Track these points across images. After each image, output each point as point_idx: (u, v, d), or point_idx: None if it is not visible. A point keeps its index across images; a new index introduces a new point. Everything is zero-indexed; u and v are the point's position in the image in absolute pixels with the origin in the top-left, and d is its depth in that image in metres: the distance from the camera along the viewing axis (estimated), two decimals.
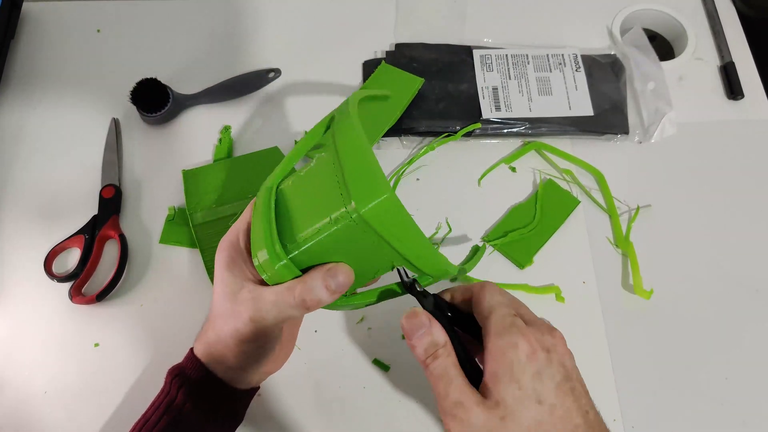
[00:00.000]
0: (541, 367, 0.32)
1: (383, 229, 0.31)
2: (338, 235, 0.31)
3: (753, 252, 0.52)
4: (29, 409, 0.46)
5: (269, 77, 0.59)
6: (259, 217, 0.34)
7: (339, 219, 0.31)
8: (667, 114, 0.57)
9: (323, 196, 0.32)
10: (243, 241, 0.35)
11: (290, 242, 0.33)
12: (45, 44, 0.63)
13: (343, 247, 0.32)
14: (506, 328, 0.33)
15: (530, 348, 0.32)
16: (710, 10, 0.65)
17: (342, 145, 0.32)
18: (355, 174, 0.31)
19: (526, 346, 0.32)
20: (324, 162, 0.34)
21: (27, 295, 0.50)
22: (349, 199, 0.30)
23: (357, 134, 0.33)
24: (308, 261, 0.33)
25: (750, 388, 0.47)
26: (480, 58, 0.60)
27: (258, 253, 0.33)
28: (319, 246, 0.32)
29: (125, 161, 0.57)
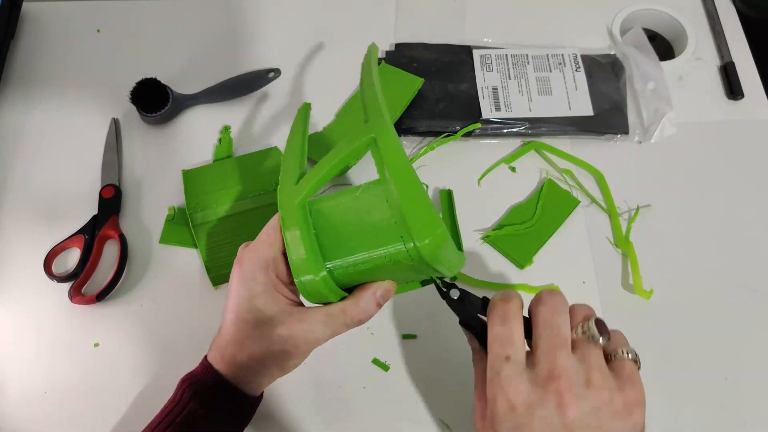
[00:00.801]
0: (519, 423, 0.31)
1: (433, 258, 0.33)
2: (388, 263, 0.34)
3: (753, 252, 0.52)
4: (29, 409, 0.46)
5: (269, 77, 0.59)
6: (296, 236, 0.35)
7: (396, 253, 0.33)
8: (667, 114, 0.57)
9: (375, 226, 0.34)
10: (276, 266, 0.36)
11: (333, 262, 0.35)
12: (45, 44, 0.63)
13: (387, 270, 0.35)
14: (490, 378, 0.32)
15: (506, 405, 0.31)
16: (710, 10, 0.65)
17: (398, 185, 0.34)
18: (413, 212, 0.33)
19: (502, 403, 0.31)
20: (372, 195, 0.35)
21: (27, 295, 0.50)
22: (410, 237, 0.33)
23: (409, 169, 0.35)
24: (350, 281, 0.36)
25: (750, 388, 0.47)
26: (480, 58, 0.60)
27: (302, 273, 0.34)
28: (365, 270, 0.35)
29: (125, 161, 0.57)
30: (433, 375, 0.47)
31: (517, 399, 0.31)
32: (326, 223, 0.36)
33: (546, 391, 0.30)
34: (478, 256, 0.52)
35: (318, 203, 0.36)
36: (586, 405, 0.30)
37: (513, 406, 0.31)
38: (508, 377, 0.31)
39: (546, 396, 0.30)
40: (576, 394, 0.30)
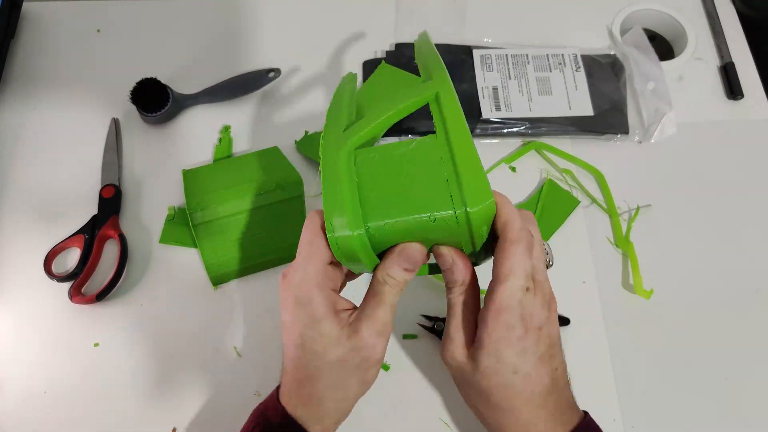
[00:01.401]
0: (528, 345, 0.34)
1: (479, 226, 0.32)
2: (429, 223, 0.32)
3: (753, 252, 0.52)
4: (29, 409, 0.46)
5: (269, 77, 0.59)
6: (337, 187, 0.32)
7: (443, 215, 0.32)
8: (667, 114, 0.57)
9: (424, 186, 0.32)
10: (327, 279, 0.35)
11: (372, 220, 0.32)
12: (45, 44, 0.63)
13: (424, 231, 0.33)
14: (509, 307, 0.33)
15: (523, 330, 0.34)
16: (710, 10, 0.65)
17: (457, 144, 0.33)
18: (469, 174, 0.32)
19: (520, 329, 0.33)
20: (427, 150, 0.33)
21: (27, 294, 0.50)
22: (461, 200, 0.32)
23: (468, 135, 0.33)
24: (383, 240, 0.34)
25: (750, 388, 0.47)
26: (480, 58, 0.60)
27: (339, 228, 0.32)
28: (402, 229, 0.33)
29: (125, 161, 0.57)
30: (433, 375, 0.47)
31: (533, 323, 0.34)
32: (371, 175, 0.33)
33: (550, 312, 0.35)
34: None
35: (365, 153, 0.34)
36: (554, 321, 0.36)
37: (529, 329, 0.34)
38: (527, 308, 0.34)
39: (549, 316, 0.35)
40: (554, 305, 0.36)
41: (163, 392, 0.47)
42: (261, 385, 0.47)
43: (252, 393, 0.46)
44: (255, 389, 0.47)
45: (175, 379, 0.47)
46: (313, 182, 0.55)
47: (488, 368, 0.34)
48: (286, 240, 0.51)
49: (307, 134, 0.58)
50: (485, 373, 0.35)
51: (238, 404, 0.46)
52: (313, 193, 0.55)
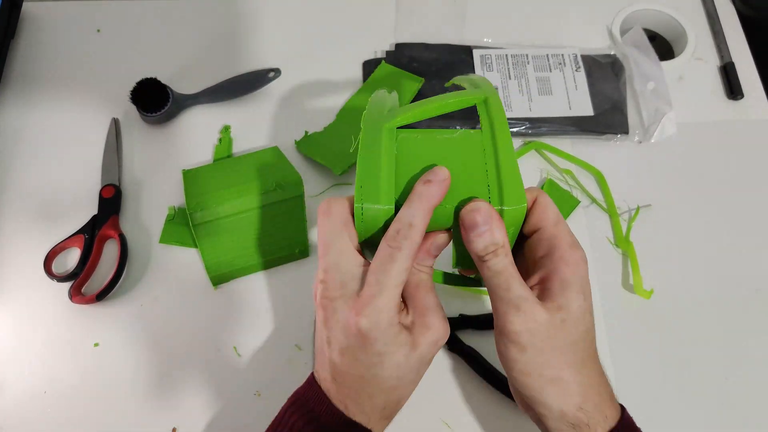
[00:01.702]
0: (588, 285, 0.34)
1: (509, 225, 0.33)
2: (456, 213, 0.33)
3: (753, 252, 0.52)
4: (29, 409, 0.46)
5: (269, 77, 0.59)
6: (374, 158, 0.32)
7: None
8: (667, 114, 0.57)
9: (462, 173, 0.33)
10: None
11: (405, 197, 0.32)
12: (45, 44, 0.63)
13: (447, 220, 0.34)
14: (576, 244, 0.34)
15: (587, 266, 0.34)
16: (710, 10, 0.65)
17: (502, 143, 0.34)
18: (509, 177, 0.33)
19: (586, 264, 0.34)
20: (471, 141, 0.34)
21: (27, 295, 0.50)
22: (500, 200, 0.32)
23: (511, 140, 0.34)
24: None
25: (750, 388, 0.47)
26: (480, 58, 0.60)
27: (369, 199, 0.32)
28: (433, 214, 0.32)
29: (125, 161, 0.57)
30: (434, 375, 0.47)
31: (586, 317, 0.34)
32: (410, 154, 0.33)
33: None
34: None
35: (407, 133, 0.34)
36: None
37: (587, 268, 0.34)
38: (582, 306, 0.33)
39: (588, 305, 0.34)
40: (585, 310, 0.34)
41: (163, 392, 0.47)
42: (261, 385, 0.47)
43: (252, 393, 0.46)
44: (255, 389, 0.47)
45: (175, 379, 0.47)
46: (314, 182, 0.55)
47: (574, 308, 0.33)
48: (286, 240, 0.51)
49: (307, 134, 0.58)
50: (573, 321, 0.32)
51: (238, 404, 0.46)
52: (314, 193, 0.55)
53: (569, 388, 0.33)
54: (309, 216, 0.53)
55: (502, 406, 0.46)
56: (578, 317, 0.33)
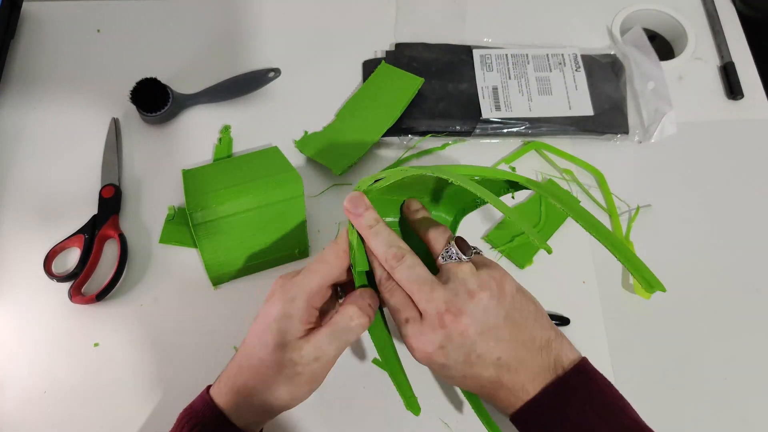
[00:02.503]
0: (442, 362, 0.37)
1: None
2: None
3: (753, 252, 0.52)
4: (29, 409, 0.46)
5: (269, 77, 0.59)
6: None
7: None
8: (667, 114, 0.57)
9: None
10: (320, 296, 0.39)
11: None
12: (45, 44, 0.63)
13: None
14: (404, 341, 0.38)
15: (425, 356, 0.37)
16: (710, 10, 0.65)
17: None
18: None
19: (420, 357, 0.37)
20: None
21: (27, 295, 0.50)
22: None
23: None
24: None
25: (750, 388, 0.47)
26: (480, 58, 0.60)
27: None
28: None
29: (125, 161, 0.57)
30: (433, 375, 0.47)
31: (428, 348, 0.36)
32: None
33: (444, 329, 0.35)
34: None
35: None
36: (476, 315, 0.35)
37: (428, 355, 0.36)
38: (413, 338, 0.36)
39: (447, 332, 0.35)
40: (465, 312, 0.35)
41: (163, 392, 0.47)
42: None
43: None
44: None
45: (175, 379, 0.47)
46: (314, 182, 0.55)
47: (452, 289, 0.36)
48: (285, 240, 0.51)
49: (307, 134, 0.58)
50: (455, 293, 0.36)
51: None
52: (314, 193, 0.55)
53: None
54: (309, 216, 0.53)
55: None
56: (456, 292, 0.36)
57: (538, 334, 0.37)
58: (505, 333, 0.36)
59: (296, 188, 0.52)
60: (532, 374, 0.36)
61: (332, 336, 0.37)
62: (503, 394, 0.36)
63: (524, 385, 0.36)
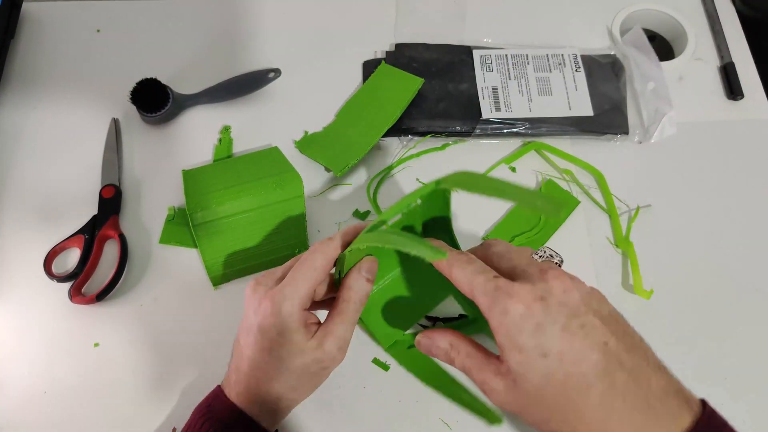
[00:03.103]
0: (539, 320, 0.31)
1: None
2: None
3: (753, 252, 0.52)
4: (29, 409, 0.46)
5: (269, 77, 0.59)
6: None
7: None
8: (667, 114, 0.57)
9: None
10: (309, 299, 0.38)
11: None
12: (45, 44, 0.63)
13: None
14: (491, 299, 0.32)
15: (522, 306, 0.31)
16: (710, 10, 0.65)
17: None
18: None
19: (517, 306, 0.31)
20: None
21: (27, 295, 0.50)
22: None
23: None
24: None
25: (750, 388, 0.47)
26: (480, 58, 0.60)
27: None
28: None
29: (125, 161, 0.57)
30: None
31: (527, 297, 0.31)
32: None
33: (546, 282, 0.32)
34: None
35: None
36: (582, 288, 0.33)
37: (527, 305, 0.31)
38: (507, 286, 0.32)
39: (549, 286, 0.32)
40: (573, 279, 0.33)
41: (163, 392, 0.47)
42: None
43: None
44: None
45: (175, 379, 0.47)
46: (314, 182, 0.55)
47: (518, 368, 0.31)
48: (285, 240, 0.51)
49: (307, 134, 0.58)
50: (521, 378, 0.31)
51: None
52: (314, 193, 0.55)
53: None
54: (309, 216, 0.53)
55: None
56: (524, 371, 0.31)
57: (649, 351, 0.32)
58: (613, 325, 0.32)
59: (296, 188, 0.52)
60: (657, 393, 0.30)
61: (344, 321, 0.38)
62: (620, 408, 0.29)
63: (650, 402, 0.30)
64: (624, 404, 0.30)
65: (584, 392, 0.30)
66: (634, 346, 0.31)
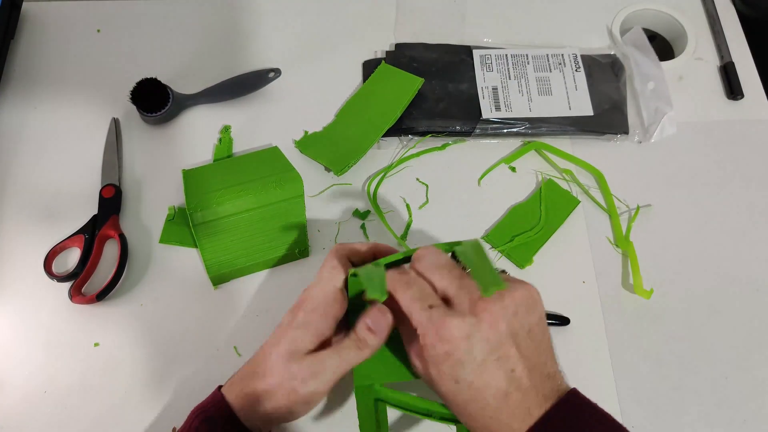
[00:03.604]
0: (460, 357, 0.34)
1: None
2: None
3: (753, 252, 0.52)
4: (29, 408, 0.46)
5: (269, 77, 0.59)
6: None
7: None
8: (667, 114, 0.57)
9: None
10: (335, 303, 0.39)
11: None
12: (45, 44, 0.63)
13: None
14: (423, 329, 0.35)
15: (447, 346, 0.34)
16: (710, 10, 0.65)
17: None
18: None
19: (442, 346, 0.34)
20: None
21: (27, 294, 0.50)
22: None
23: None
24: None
25: (750, 388, 0.47)
26: (480, 58, 0.60)
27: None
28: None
29: (125, 161, 0.57)
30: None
31: (454, 335, 0.33)
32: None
33: (476, 317, 0.34)
34: None
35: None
36: (509, 309, 0.34)
37: (454, 344, 0.33)
38: (440, 323, 0.34)
39: (478, 320, 0.34)
40: (499, 304, 0.34)
41: (162, 392, 0.47)
42: None
43: None
44: None
45: (175, 378, 0.47)
46: (314, 182, 0.55)
47: (433, 379, 0.35)
48: (285, 240, 0.51)
49: (307, 134, 0.58)
50: (434, 382, 0.36)
51: None
52: (314, 193, 0.55)
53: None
54: (309, 216, 0.53)
55: None
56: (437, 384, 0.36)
57: (549, 361, 0.36)
58: (527, 345, 0.35)
59: (296, 188, 0.52)
60: (538, 400, 0.34)
61: (336, 353, 0.37)
62: (504, 416, 0.34)
63: (530, 409, 0.34)
64: (508, 414, 0.34)
65: (481, 409, 0.34)
66: (537, 364, 0.35)
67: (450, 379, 0.34)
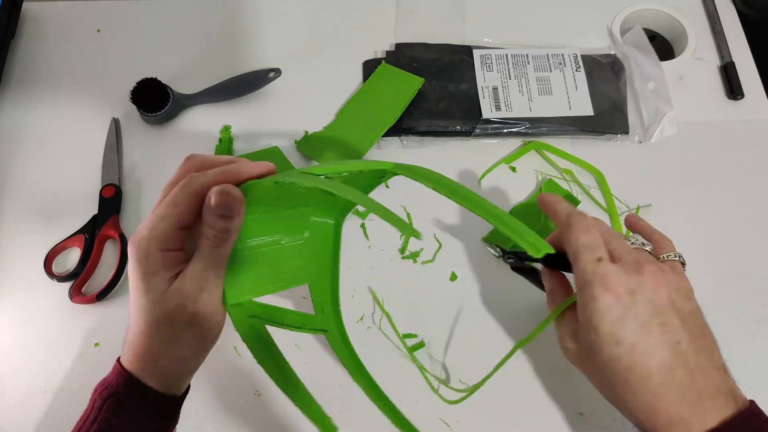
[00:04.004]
0: (622, 312, 0.33)
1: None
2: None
3: (753, 252, 0.52)
4: (29, 408, 0.46)
5: (269, 77, 0.59)
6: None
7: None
8: (667, 114, 0.57)
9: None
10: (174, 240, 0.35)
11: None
12: (45, 44, 0.63)
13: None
14: (587, 281, 0.35)
15: (611, 298, 0.33)
16: (710, 10, 0.65)
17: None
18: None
19: (606, 297, 0.34)
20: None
21: (27, 294, 0.50)
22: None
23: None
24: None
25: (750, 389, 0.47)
26: (480, 58, 0.60)
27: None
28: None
29: (125, 161, 0.57)
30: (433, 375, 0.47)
31: (618, 288, 0.34)
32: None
33: (641, 276, 0.34)
34: (478, 256, 0.52)
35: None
36: (672, 284, 0.35)
37: (617, 295, 0.33)
38: (606, 274, 0.34)
39: (642, 280, 0.34)
40: (665, 272, 0.35)
41: None
42: (261, 384, 0.47)
43: (252, 393, 0.46)
44: (255, 389, 0.47)
45: None
46: None
47: (591, 345, 0.34)
48: None
49: (307, 134, 0.58)
50: (591, 351, 0.35)
51: (238, 404, 0.46)
52: None
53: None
54: None
55: (502, 404, 0.46)
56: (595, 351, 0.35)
57: (717, 353, 0.35)
58: (691, 324, 0.34)
59: None
60: (710, 391, 0.33)
61: (198, 259, 0.34)
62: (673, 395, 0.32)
63: (701, 398, 0.32)
64: (676, 395, 0.33)
65: (644, 380, 0.33)
66: (704, 347, 0.34)
67: (611, 340, 0.33)
